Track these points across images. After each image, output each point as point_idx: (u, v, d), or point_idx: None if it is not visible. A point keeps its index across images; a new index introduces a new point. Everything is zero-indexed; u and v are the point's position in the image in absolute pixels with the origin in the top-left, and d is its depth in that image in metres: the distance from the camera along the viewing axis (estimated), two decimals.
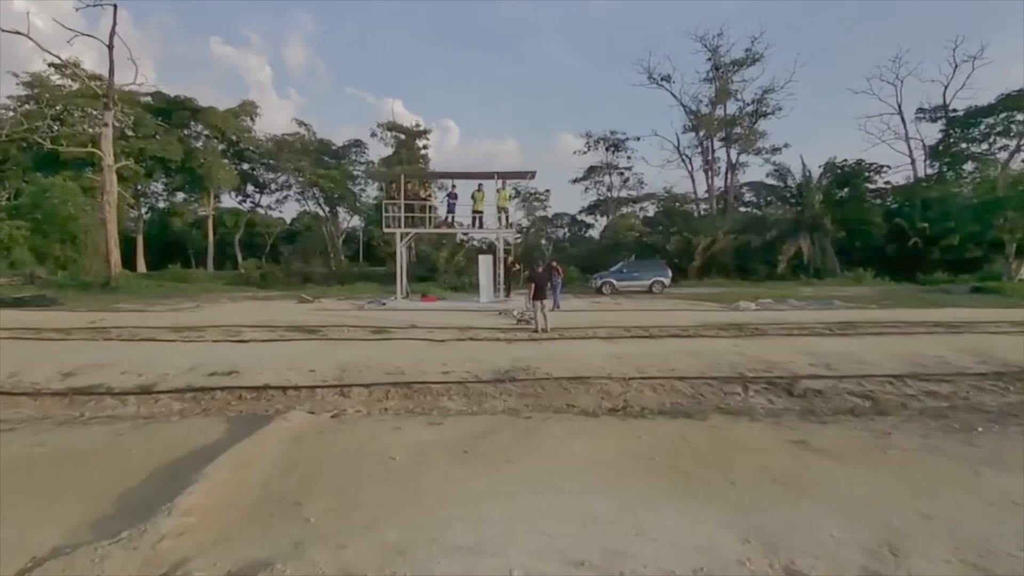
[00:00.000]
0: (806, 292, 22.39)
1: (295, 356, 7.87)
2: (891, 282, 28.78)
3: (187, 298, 20.85)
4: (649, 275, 23.41)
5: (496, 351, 8.44)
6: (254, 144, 40.50)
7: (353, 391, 6.04)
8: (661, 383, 6.39)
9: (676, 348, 8.58)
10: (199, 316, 13.56)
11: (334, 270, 36.26)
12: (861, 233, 33.29)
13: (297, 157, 38.16)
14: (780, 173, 36.19)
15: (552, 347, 8.86)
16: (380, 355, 7.92)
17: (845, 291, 23.60)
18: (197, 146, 37.91)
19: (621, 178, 42.64)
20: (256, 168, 42.09)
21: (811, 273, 30.91)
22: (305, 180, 39.62)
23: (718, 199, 39.40)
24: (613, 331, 10.90)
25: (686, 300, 19.49)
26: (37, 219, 28.07)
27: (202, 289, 26.65)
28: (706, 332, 10.71)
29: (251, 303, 18.37)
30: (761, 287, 26.43)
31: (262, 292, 26.28)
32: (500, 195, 17.06)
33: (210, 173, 36.32)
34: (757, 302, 17.16)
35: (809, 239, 32.10)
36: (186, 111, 37.25)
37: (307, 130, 40.02)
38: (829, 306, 16.58)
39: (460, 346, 8.97)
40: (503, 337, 10.11)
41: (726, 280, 30.67)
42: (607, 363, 7.35)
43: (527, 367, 7.04)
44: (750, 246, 33.13)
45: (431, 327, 11.50)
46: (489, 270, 17.10)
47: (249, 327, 11.19)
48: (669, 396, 6.07)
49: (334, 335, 10.43)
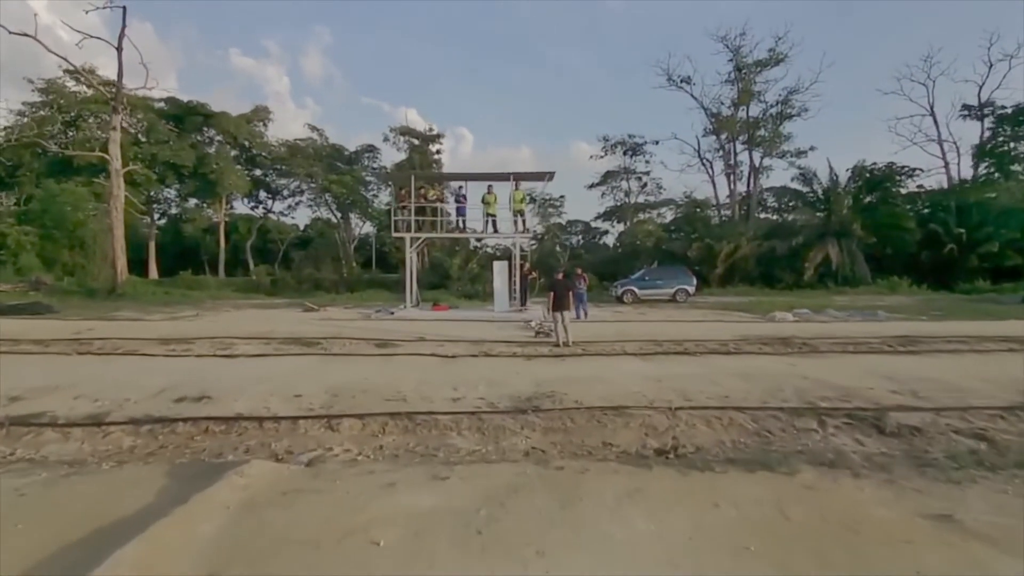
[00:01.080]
0: (841, 301, 20.97)
1: (284, 375, 6.86)
2: (929, 290, 27.23)
3: (192, 306, 20.10)
4: (673, 283, 22.16)
5: (514, 370, 7.35)
6: (266, 150, 40.10)
7: (343, 423, 4.98)
8: (716, 415, 5.24)
9: (722, 368, 7.41)
10: (193, 326, 12.67)
11: (345, 277, 35.61)
12: (892, 239, 31.60)
13: (309, 162, 37.66)
14: (806, 177, 34.70)
15: (578, 366, 7.74)
16: (381, 375, 6.88)
17: (882, 300, 22.12)
18: (209, 152, 37.58)
19: (639, 183, 41.42)
20: (268, 174, 41.69)
21: (839, 281, 29.43)
22: (317, 186, 39.12)
23: (740, 204, 37.96)
24: (643, 345, 9.75)
25: (714, 309, 18.23)
26: (46, 225, 27.71)
27: (209, 296, 25.97)
28: (748, 347, 9.51)
29: (255, 311, 17.53)
30: (790, 295, 25.11)
31: (270, 299, 25.55)
32: (515, 196, 15.99)
33: (222, 179, 35.95)
34: (793, 312, 15.85)
35: (837, 245, 30.55)
36: (199, 116, 36.97)
37: (320, 135, 39.55)
38: (874, 317, 15.22)
39: (473, 364, 7.90)
40: (521, 353, 9.01)
41: (750, 288, 29.34)
42: (645, 387, 6.22)
43: (552, 393, 5.93)
44: (775, 253, 31.67)
45: (441, 340, 10.46)
46: (504, 277, 16.04)
47: (243, 339, 10.23)
48: (728, 432, 4.92)
49: (334, 349, 9.43)
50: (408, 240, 15.80)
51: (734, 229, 33.74)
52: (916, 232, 31.43)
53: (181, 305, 20.31)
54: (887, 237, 31.50)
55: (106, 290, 24.50)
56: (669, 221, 39.76)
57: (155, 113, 36.30)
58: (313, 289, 31.46)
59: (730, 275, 31.22)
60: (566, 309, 9.93)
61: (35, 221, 27.79)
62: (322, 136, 40.04)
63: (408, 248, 15.82)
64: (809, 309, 16.61)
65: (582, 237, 45.04)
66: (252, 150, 40.42)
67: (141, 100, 36.05)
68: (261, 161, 40.87)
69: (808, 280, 29.39)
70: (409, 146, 38.58)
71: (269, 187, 42.62)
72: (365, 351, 9.18)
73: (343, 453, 4.46)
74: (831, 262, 29.83)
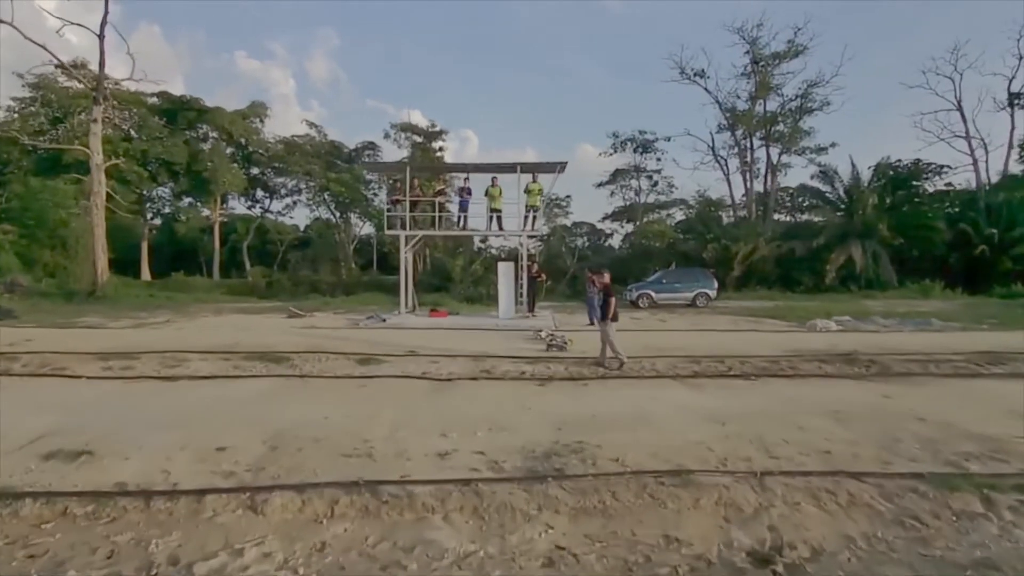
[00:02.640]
0: (875, 307, 19.15)
1: (219, 411, 5.23)
2: (964, 295, 25.48)
3: (172, 310, 18.56)
4: (692, 286, 20.43)
5: (524, 402, 5.68)
6: (263, 146, 38.57)
7: (272, 500, 3.33)
8: (824, 486, 3.56)
9: (794, 399, 5.72)
10: (154, 336, 11.07)
11: (343, 279, 34.17)
12: (919, 240, 29.79)
13: (307, 160, 36.15)
14: (826, 175, 32.91)
15: (607, 395, 6.06)
16: (348, 411, 5.23)
17: (919, 305, 20.27)
18: (204, 148, 36.09)
19: (650, 181, 39.57)
20: (266, 172, 40.15)
21: (863, 284, 27.74)
22: (316, 184, 37.59)
23: (757, 203, 36.14)
24: (677, 363, 8.08)
25: (740, 316, 16.49)
26: (26, 223, 26.25)
27: (196, 299, 24.45)
28: (806, 366, 7.83)
29: (237, 317, 15.91)
30: (812, 299, 23.44)
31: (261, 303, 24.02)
32: (531, 192, 14.26)
33: (216, 176, 34.39)
34: (833, 319, 14.08)
35: (860, 247, 28.82)
36: (192, 112, 35.47)
37: (318, 132, 38.02)
38: (927, 326, 13.47)
39: (471, 390, 6.23)
40: (531, 373, 7.35)
41: (768, 292, 27.72)
42: (706, 432, 4.54)
43: (579, 443, 4.24)
44: (794, 254, 29.97)
45: (435, 354, 8.80)
46: (510, 280, 14.37)
47: (200, 353, 8.60)
48: (851, 518, 3.26)
49: (306, 367, 7.80)
50: (403, 238, 14.10)
51: (751, 229, 32.02)
52: (945, 233, 29.62)
53: (162, 309, 18.78)
54: (913, 238, 29.69)
55: (86, 292, 23.06)
56: (682, 221, 38.00)
57: (147, 108, 34.84)
58: (310, 292, 30.15)
59: (747, 278, 29.56)
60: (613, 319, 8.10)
61: (15, 219, 26.34)
62: (320, 133, 38.54)
63: (403, 247, 14.14)
64: (850, 316, 14.84)
65: (587, 239, 43.30)
66: (248, 147, 38.90)
67: (133, 95, 34.67)
68: (258, 158, 39.35)
69: (830, 283, 27.85)
70: (411, 144, 37.04)
71: (266, 186, 41.08)
72: (341, 370, 7.54)
73: (259, 561, 2.81)
74: (854, 264, 28.14)
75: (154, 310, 18.13)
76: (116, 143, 32.56)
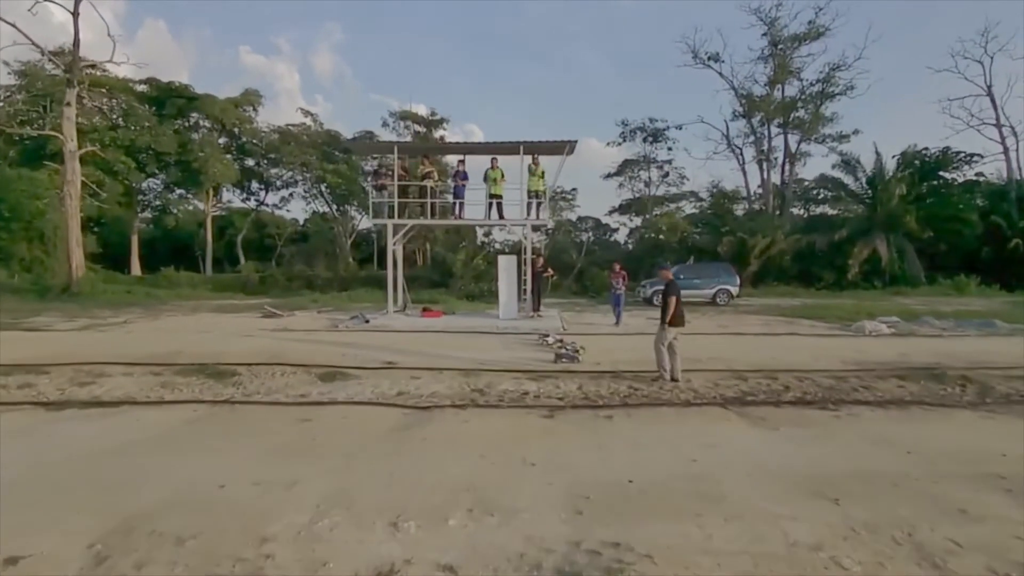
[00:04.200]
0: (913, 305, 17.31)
1: (70, 473, 3.59)
2: (1003, 291, 23.70)
3: (142, 308, 17.01)
4: (712, 282, 18.67)
5: (527, 447, 4.01)
6: (256, 136, 36.91)
7: None
8: None
9: (913, 446, 4.03)
10: (91, 341, 9.47)
11: (340, 274, 32.68)
12: (948, 233, 27.89)
13: (303, 150, 34.50)
14: (848, 164, 30.91)
15: (645, 438, 4.37)
16: (260, 472, 3.56)
17: (956, 303, 18.44)
18: (194, 138, 34.48)
19: (660, 172, 37.61)
20: (261, 163, 38.49)
21: (888, 281, 25.99)
22: (311, 176, 35.99)
23: (774, 195, 34.18)
24: (718, 380, 6.45)
25: (770, 315, 14.72)
26: (3, 215, 24.74)
27: (178, 296, 22.90)
28: (883, 386, 6.15)
29: (209, 316, 14.30)
30: (839, 296, 21.84)
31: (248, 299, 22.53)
32: (533, 175, 12.53)
33: (206, 167, 32.77)
34: (878, 320, 12.30)
35: (885, 241, 26.96)
36: (181, 99, 33.84)
37: (313, 120, 36.34)
38: (992, 328, 11.70)
39: (454, 428, 4.57)
40: (536, 396, 5.69)
41: (788, 288, 26.09)
42: (814, 520, 2.85)
43: (616, 555, 2.55)
44: (814, 248, 28.17)
45: (418, 367, 7.15)
46: (512, 275, 12.68)
47: (127, 365, 7.00)
48: None
49: (251, 385, 6.18)
50: (390, 227, 12.37)
51: (769, 222, 30.17)
52: (977, 225, 27.70)
53: (133, 308, 17.24)
54: (942, 231, 27.81)
55: (60, 288, 21.57)
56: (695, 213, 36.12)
57: (135, 96, 33.26)
58: (305, 287, 28.79)
59: (763, 274, 27.79)
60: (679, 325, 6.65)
61: None
62: (316, 122, 36.87)
63: (390, 238, 12.44)
64: (897, 317, 13.05)
65: (592, 234, 41.47)
66: (242, 137, 37.27)
67: (120, 82, 33.14)
68: (252, 149, 37.72)
69: (852, 279, 26.06)
70: (412, 133, 35.35)
71: (261, 177, 39.43)
72: (296, 388, 5.92)
73: None
74: (878, 259, 26.32)
75: (123, 309, 16.58)
76: (103, 132, 31.06)
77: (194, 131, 35.63)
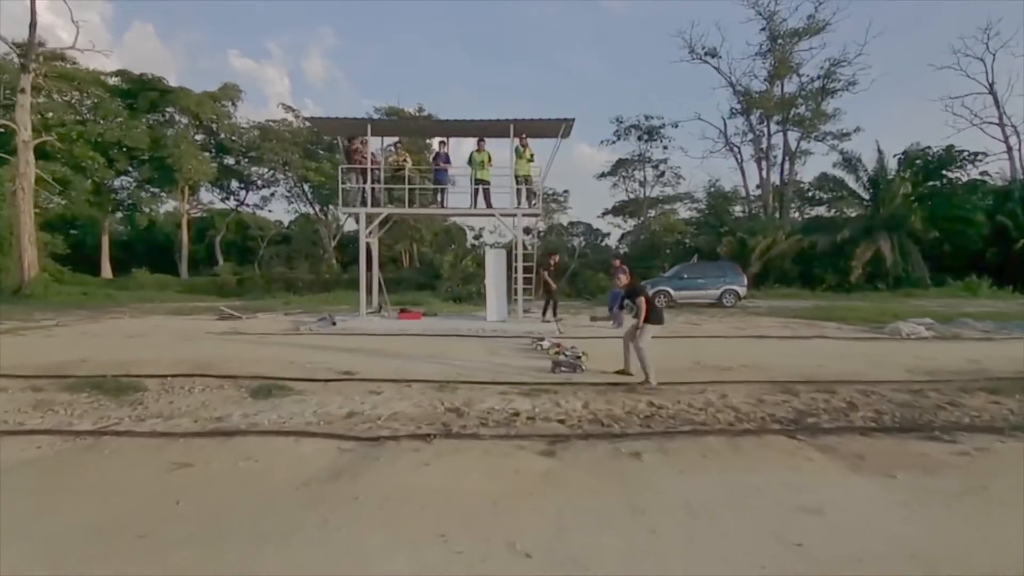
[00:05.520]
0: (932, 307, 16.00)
1: None
2: (1015, 293, 22.69)
3: (89, 311, 15.35)
4: (718, 283, 17.30)
5: (517, 516, 2.53)
6: (234, 131, 35.18)
7: None
8: None
9: None
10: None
11: (324, 276, 31.15)
12: (953, 234, 26.91)
13: (284, 148, 32.84)
14: (850, 162, 29.89)
15: (692, 495, 2.90)
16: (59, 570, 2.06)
17: (971, 305, 17.15)
18: (168, 133, 32.70)
19: (656, 171, 36.23)
20: (240, 161, 36.69)
21: (891, 282, 24.94)
22: (293, 175, 34.33)
23: (774, 194, 33.04)
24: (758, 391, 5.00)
25: (784, 317, 13.33)
26: None
27: (141, 298, 21.19)
28: (974, 402, 4.77)
29: (160, 319, 12.66)
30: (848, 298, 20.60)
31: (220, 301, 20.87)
32: (520, 157, 11.05)
33: (180, 163, 30.98)
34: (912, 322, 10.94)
35: (889, 241, 25.88)
36: (154, 92, 32.09)
37: (295, 116, 34.66)
38: None
39: (410, 477, 3.06)
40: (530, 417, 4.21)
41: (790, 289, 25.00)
42: None
43: None
44: (815, 249, 27.06)
45: (381, 378, 5.65)
46: (501, 271, 11.20)
47: (7, 378, 5.44)
48: None
49: (156, 403, 4.66)
50: (362, 217, 10.79)
51: (769, 223, 29.05)
52: (983, 226, 26.75)
53: (80, 310, 15.57)
54: (947, 231, 26.83)
55: (11, 290, 19.80)
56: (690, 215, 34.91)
57: (105, 88, 31.46)
58: (285, 289, 27.37)
59: (763, 276, 26.65)
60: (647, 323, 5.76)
61: None
62: (298, 117, 35.20)
63: (362, 230, 10.87)
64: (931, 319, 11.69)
65: (583, 238, 40.05)
66: (220, 133, 35.50)
67: (90, 73, 31.29)
68: (231, 146, 35.94)
69: (856, 281, 24.96)
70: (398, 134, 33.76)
71: (241, 176, 37.62)
72: (209, 412, 4.39)
73: None
74: (882, 260, 25.22)
75: (69, 311, 14.89)
76: (70, 126, 29.23)
77: (168, 126, 33.85)
